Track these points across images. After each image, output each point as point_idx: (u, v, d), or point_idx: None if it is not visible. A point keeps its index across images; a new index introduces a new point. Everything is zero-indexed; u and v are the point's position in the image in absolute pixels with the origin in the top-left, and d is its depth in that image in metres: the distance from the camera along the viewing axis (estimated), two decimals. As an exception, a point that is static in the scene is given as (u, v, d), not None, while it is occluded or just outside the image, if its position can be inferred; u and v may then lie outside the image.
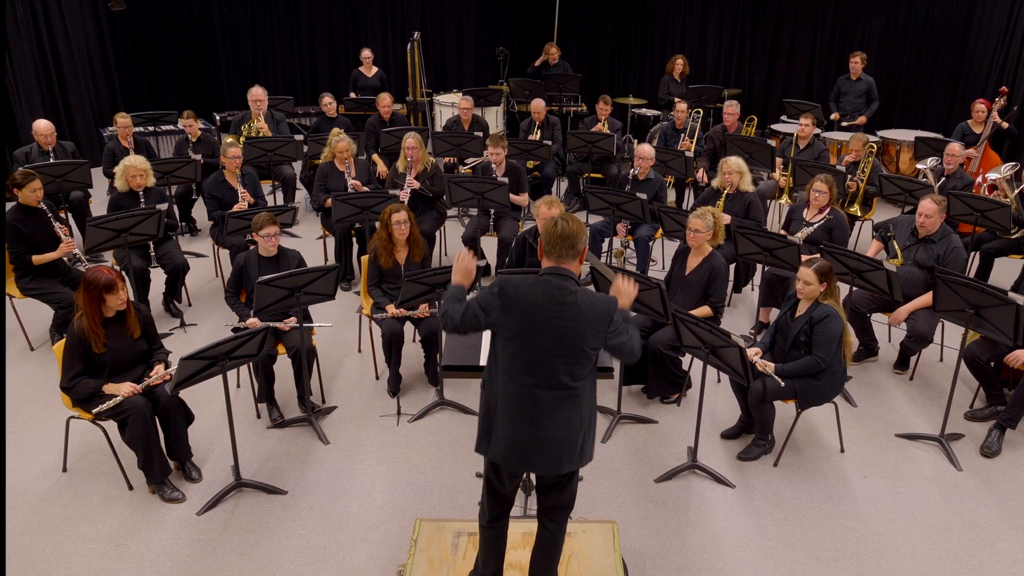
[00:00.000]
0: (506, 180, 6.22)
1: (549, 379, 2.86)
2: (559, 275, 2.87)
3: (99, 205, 7.59)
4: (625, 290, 3.09)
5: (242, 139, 7.52)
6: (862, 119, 8.96)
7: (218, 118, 9.95)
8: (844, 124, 9.02)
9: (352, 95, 9.48)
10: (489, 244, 6.80)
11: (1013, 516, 4.11)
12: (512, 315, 2.86)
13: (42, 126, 6.90)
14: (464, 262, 3.16)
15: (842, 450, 4.61)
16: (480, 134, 7.70)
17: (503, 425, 2.91)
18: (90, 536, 3.85)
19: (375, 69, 9.87)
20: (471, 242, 6.51)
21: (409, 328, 5.31)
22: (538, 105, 8.44)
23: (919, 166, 7.13)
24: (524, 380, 2.87)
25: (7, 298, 5.49)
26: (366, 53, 9.81)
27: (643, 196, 5.93)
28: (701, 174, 7.67)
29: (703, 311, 4.91)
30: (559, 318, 2.82)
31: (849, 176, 6.93)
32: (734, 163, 6.12)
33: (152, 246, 5.85)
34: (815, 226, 5.75)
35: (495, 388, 2.96)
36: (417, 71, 9.60)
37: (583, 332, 2.82)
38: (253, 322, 4.64)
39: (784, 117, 9.45)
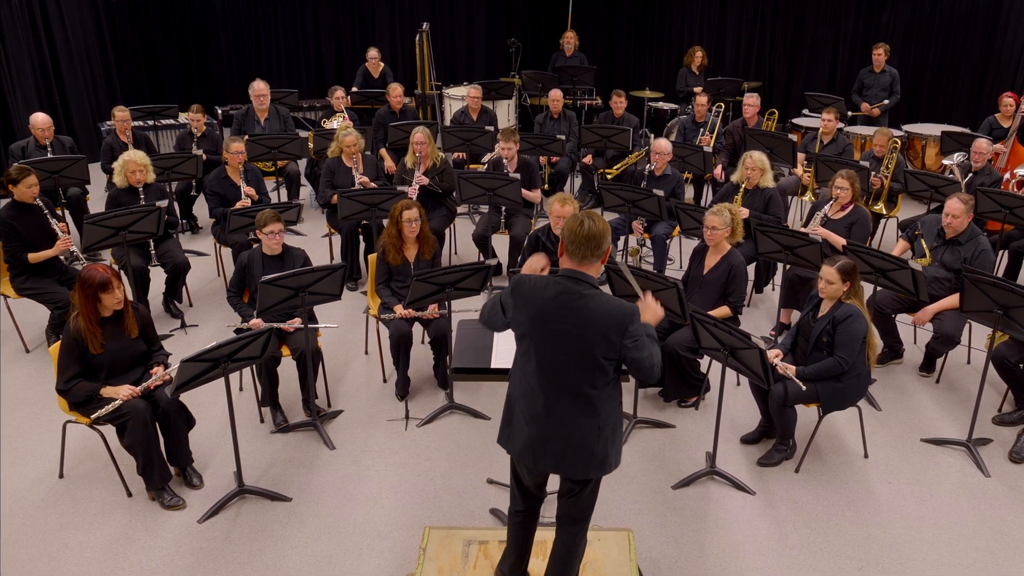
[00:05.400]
0: (518, 176, 6.13)
1: (559, 382, 2.83)
2: (574, 278, 2.81)
3: (97, 202, 7.54)
4: (652, 307, 3.04)
5: (245, 138, 7.41)
6: (875, 111, 8.79)
7: (220, 112, 9.85)
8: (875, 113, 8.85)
9: (354, 89, 9.37)
10: (500, 242, 6.72)
11: (1044, 524, 4.03)
12: (523, 315, 2.87)
13: (40, 119, 6.83)
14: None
15: (866, 455, 4.54)
16: (491, 128, 7.57)
17: (519, 422, 2.93)
18: (87, 544, 3.80)
19: (381, 66, 9.77)
20: (482, 240, 6.41)
21: (418, 329, 5.25)
22: (556, 95, 8.27)
23: (945, 162, 7.03)
24: (535, 380, 2.86)
25: (1, 298, 5.45)
26: (372, 53, 9.71)
27: (660, 193, 5.81)
28: (719, 171, 7.51)
29: (722, 311, 4.83)
30: (565, 322, 2.79)
31: (873, 172, 6.78)
32: (757, 159, 5.98)
33: (152, 244, 5.78)
34: (823, 213, 5.65)
35: (515, 381, 2.97)
36: (426, 64, 9.49)
37: (591, 339, 2.76)
38: (256, 323, 4.59)
39: (806, 111, 9.28)
